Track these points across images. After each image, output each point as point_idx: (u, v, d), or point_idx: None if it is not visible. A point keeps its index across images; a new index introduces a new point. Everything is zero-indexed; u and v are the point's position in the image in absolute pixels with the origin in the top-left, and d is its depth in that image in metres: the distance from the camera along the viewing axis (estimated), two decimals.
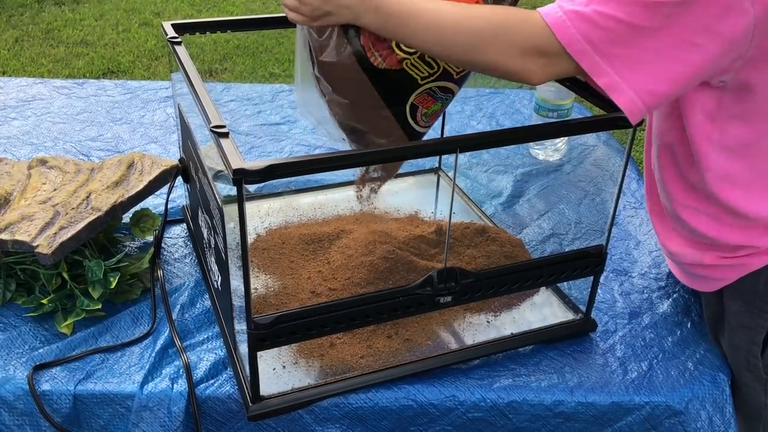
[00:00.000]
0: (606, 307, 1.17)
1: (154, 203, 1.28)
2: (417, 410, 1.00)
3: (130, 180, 1.20)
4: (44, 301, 1.07)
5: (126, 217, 1.22)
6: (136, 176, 1.21)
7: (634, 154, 3.00)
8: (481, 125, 1.73)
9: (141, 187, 1.18)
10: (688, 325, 1.15)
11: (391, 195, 1.40)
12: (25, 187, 1.19)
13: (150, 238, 1.23)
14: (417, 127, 1.04)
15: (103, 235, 1.18)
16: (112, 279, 1.08)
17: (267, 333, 0.90)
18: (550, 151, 1.58)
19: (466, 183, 1.49)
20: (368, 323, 0.97)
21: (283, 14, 0.96)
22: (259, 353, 0.91)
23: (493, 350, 1.06)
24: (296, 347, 1.03)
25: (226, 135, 0.82)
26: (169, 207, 1.23)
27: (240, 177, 0.77)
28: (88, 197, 1.14)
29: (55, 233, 1.05)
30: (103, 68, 3.64)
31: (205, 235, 1.07)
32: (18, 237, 1.04)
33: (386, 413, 0.99)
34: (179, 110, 1.17)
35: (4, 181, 1.20)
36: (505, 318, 1.12)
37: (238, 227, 0.81)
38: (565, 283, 1.17)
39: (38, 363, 1.00)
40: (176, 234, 1.29)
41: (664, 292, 1.21)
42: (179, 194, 1.34)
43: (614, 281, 1.23)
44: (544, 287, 1.18)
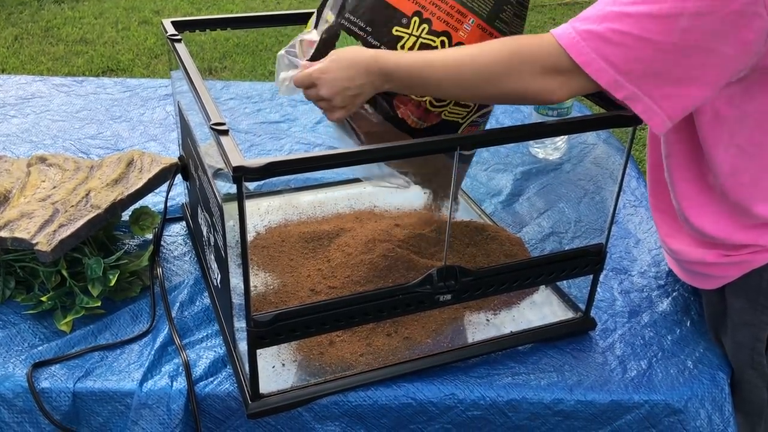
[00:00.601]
0: (605, 305, 1.18)
1: (154, 201, 1.28)
2: (416, 408, 1.00)
3: (129, 178, 1.20)
4: (44, 299, 1.07)
5: (125, 215, 1.22)
6: (135, 174, 1.21)
7: (634, 152, 3.00)
8: None
9: (140, 184, 1.18)
10: (688, 324, 1.15)
11: (390, 193, 1.40)
12: (24, 184, 1.19)
13: (149, 236, 1.23)
14: (467, 153, 1.11)
15: (103, 232, 1.18)
16: (111, 277, 1.08)
17: (266, 331, 0.90)
18: (550, 149, 1.58)
19: (465, 181, 1.48)
20: (368, 321, 0.97)
21: (283, 12, 0.97)
22: (258, 351, 0.91)
23: (492, 348, 1.06)
24: (296, 345, 1.03)
25: (225, 133, 0.82)
26: (168, 205, 1.23)
27: (240, 175, 0.77)
28: (87, 195, 1.14)
29: (55, 231, 1.05)
30: (102, 66, 3.64)
31: (204, 233, 1.07)
32: (17, 234, 1.04)
33: (385, 411, 0.99)
34: (179, 108, 1.17)
35: (3, 179, 1.20)
36: (504, 316, 1.12)
37: (238, 225, 0.81)
38: (564, 282, 1.17)
39: (37, 360, 1.00)
40: (176, 232, 1.29)
41: (663, 291, 1.21)
42: (179, 192, 1.34)
43: (614, 280, 1.23)
44: (543, 286, 1.18)
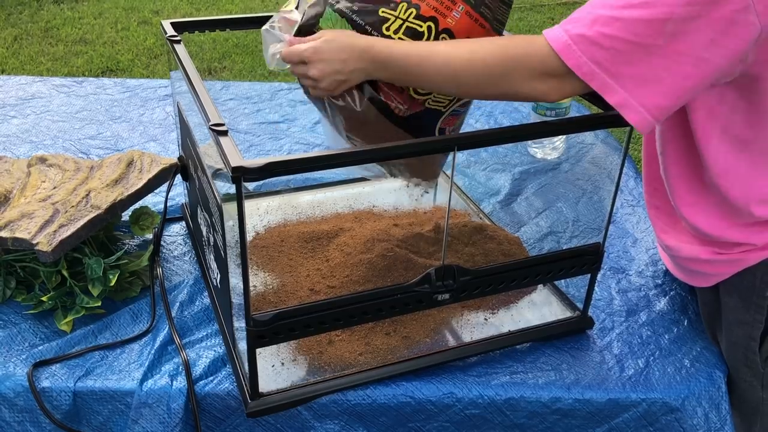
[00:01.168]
0: (603, 304, 1.18)
1: (154, 201, 1.29)
2: (415, 407, 1.00)
3: (129, 178, 1.20)
4: (44, 299, 1.08)
5: (125, 215, 1.22)
6: (135, 174, 1.21)
7: (632, 152, 3.01)
8: (480, 124, 1.74)
9: (140, 185, 1.18)
10: (685, 323, 1.15)
11: (389, 193, 1.41)
12: (24, 185, 1.19)
13: (149, 236, 1.23)
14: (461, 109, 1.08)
15: (103, 232, 1.18)
16: (111, 276, 1.09)
17: (266, 330, 0.90)
18: (548, 149, 1.59)
19: (464, 181, 1.49)
20: (367, 320, 0.97)
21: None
22: (258, 350, 0.92)
23: (490, 347, 1.06)
24: (295, 344, 1.04)
25: (225, 133, 0.83)
26: (168, 205, 1.24)
27: (239, 175, 0.77)
28: (87, 195, 1.14)
29: (55, 231, 1.06)
30: (102, 66, 3.64)
31: (204, 233, 1.08)
32: (18, 235, 1.05)
33: (384, 410, 1.00)
34: (178, 108, 1.18)
35: (3, 179, 1.20)
36: (502, 315, 1.13)
37: (237, 225, 0.81)
38: (562, 281, 1.18)
39: (38, 360, 1.00)
40: (175, 232, 1.30)
41: (660, 290, 1.22)
42: (178, 192, 1.35)
43: (611, 279, 1.24)
44: (541, 285, 1.18)
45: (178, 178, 1.24)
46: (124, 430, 0.98)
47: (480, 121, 1.75)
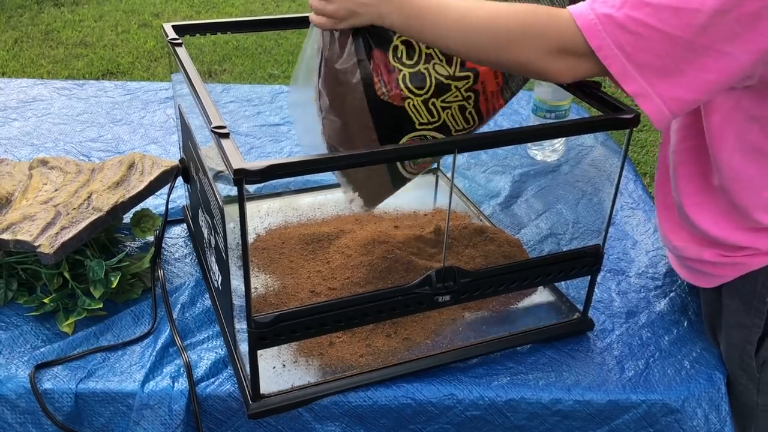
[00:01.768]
0: (603, 306, 1.18)
1: (155, 203, 1.29)
2: (416, 408, 1.00)
3: (130, 180, 1.21)
4: (46, 301, 1.08)
5: (127, 218, 1.22)
6: (136, 177, 1.21)
7: (632, 154, 3.01)
8: None
9: (141, 187, 1.19)
10: (685, 324, 1.15)
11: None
12: (26, 187, 1.19)
13: (150, 238, 1.24)
14: (403, 171, 1.03)
15: (104, 235, 1.19)
16: (113, 278, 1.09)
17: (267, 332, 0.90)
18: (548, 151, 1.59)
19: (464, 183, 1.49)
20: (367, 322, 0.98)
21: (282, 16, 0.97)
22: (259, 352, 0.92)
23: (491, 349, 1.07)
24: (296, 346, 1.04)
25: (226, 135, 0.83)
26: (169, 207, 1.24)
27: (241, 177, 0.78)
28: (89, 197, 1.14)
29: (57, 233, 1.06)
30: (102, 69, 3.65)
31: (205, 235, 1.08)
32: (20, 237, 1.05)
33: (385, 411, 1.00)
34: (179, 111, 1.18)
35: (5, 182, 1.21)
36: (503, 317, 1.13)
37: (239, 227, 0.82)
38: (562, 283, 1.18)
39: (40, 362, 1.00)
40: (177, 234, 1.30)
41: (660, 291, 1.22)
42: (179, 194, 1.35)
43: (611, 281, 1.24)
44: (541, 286, 1.18)
45: (179, 180, 1.25)
46: (126, 431, 0.98)
47: None
